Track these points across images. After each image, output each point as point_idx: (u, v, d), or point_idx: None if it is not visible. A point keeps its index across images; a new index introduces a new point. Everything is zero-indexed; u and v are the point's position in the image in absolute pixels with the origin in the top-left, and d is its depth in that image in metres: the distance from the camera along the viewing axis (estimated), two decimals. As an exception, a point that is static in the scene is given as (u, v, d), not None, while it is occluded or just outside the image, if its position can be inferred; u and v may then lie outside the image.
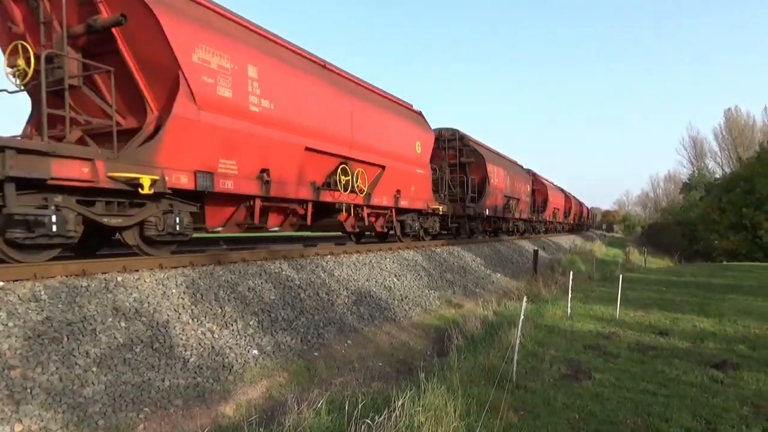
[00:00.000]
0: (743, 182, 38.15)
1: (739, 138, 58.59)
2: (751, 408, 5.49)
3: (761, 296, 13.44)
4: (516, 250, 23.64)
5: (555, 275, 18.20)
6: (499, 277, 17.73)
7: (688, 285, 16.18)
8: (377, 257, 13.24)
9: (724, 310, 11.30)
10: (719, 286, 15.71)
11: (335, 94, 10.60)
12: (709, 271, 22.35)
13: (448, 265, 15.86)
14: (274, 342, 7.51)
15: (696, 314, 10.79)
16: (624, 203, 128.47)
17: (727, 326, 9.59)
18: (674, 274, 20.43)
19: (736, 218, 37.36)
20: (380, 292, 11.26)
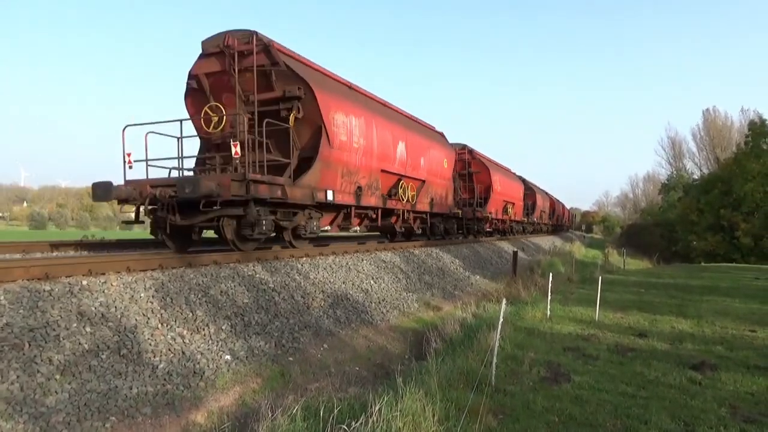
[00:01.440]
0: (721, 183, 39.02)
1: (717, 138, 59.86)
2: (728, 409, 5.63)
3: (738, 297, 13.81)
4: (495, 251, 23.85)
5: (534, 277, 18.42)
6: (478, 279, 17.87)
7: (666, 286, 16.53)
8: (354, 259, 13.23)
9: (702, 311, 11.58)
10: (697, 288, 16.08)
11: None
12: (688, 272, 22.86)
13: (427, 267, 15.93)
14: (247, 347, 7.46)
15: (674, 316, 11.03)
16: (603, 204, 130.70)
17: (705, 327, 9.83)
18: (653, 276, 20.84)
19: (713, 219, 38.19)
20: (357, 294, 11.26)
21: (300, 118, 10.33)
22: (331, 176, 11.12)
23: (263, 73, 9.96)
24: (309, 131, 10.63)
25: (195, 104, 10.55)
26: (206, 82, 10.31)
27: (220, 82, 10.21)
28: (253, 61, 9.63)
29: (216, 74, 10.16)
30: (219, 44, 9.87)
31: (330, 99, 10.82)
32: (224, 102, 10.19)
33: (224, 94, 10.26)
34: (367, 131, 12.59)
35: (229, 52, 9.76)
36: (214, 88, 10.31)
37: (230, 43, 9.78)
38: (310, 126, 10.56)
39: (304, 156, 10.65)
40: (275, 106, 10.20)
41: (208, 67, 10.14)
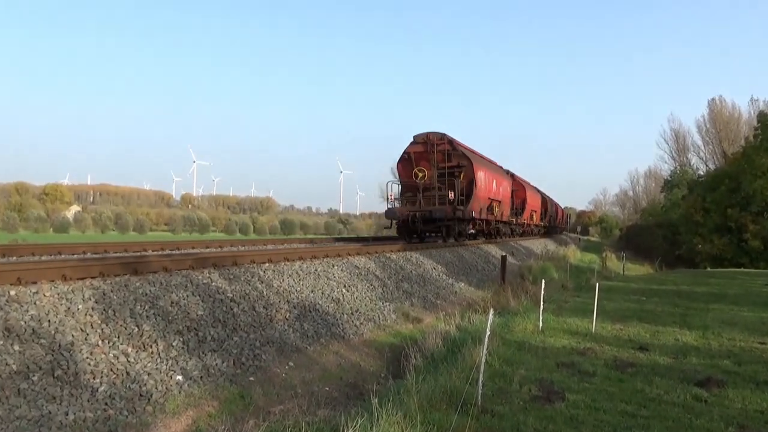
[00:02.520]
0: (728, 180, 39.47)
1: (723, 131, 61.03)
2: (736, 429, 5.76)
3: (747, 306, 14.13)
4: (482, 256, 24.02)
5: (525, 284, 18.60)
6: (463, 286, 17.97)
7: (669, 294, 16.83)
8: (324, 265, 13.20)
9: (708, 321, 11.81)
10: (703, 295, 16.41)
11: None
12: (692, 278, 23.31)
13: (405, 274, 15.97)
14: (201, 365, 7.39)
15: (678, 327, 11.24)
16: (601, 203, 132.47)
17: (711, 339, 10.03)
18: (655, 282, 21.21)
19: (720, 220, 38.79)
20: (327, 305, 11.23)
21: (464, 175, 22.53)
22: (476, 205, 23.13)
23: (446, 153, 22.07)
24: (466, 181, 22.63)
25: (405, 167, 22.67)
26: (413, 157, 22.17)
27: (421, 157, 22.07)
28: (444, 148, 21.91)
29: (419, 153, 22.04)
30: (424, 138, 22.16)
31: (477, 166, 23.10)
32: (422, 167, 21.89)
33: (422, 162, 22.00)
34: (487, 179, 25.02)
35: (430, 142, 21.91)
36: (417, 159, 22.17)
37: (431, 138, 21.99)
38: (468, 179, 22.66)
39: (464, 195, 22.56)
40: (452, 170, 22.21)
41: (415, 149, 22.18)
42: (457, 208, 22.17)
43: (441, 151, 22.32)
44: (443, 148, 22.34)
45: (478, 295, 17.10)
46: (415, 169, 22.13)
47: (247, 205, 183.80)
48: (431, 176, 21.95)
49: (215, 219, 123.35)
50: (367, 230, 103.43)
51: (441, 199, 21.95)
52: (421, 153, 22.30)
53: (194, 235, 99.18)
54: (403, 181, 22.98)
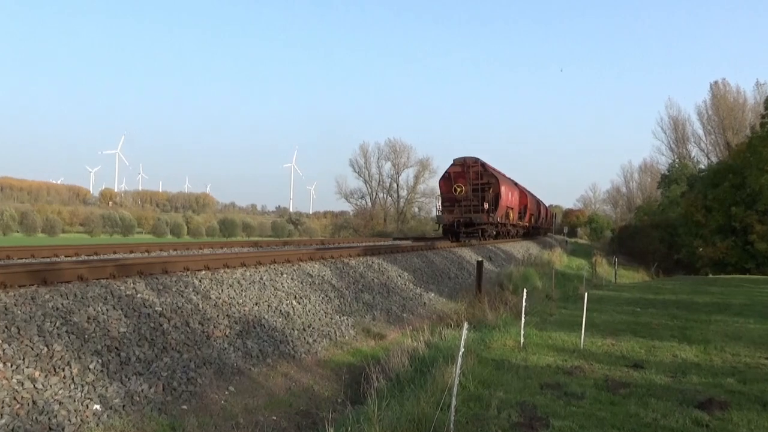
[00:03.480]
0: (732, 174, 40.08)
1: (727, 119, 62.50)
2: (741, 457, 5.91)
3: (753, 317, 14.50)
4: (455, 261, 24.19)
5: (504, 294, 18.80)
6: (433, 297, 18.07)
7: (667, 304, 17.19)
8: (270, 272, 13.13)
9: (710, 335, 12.10)
10: (704, 306, 16.81)
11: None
12: (692, 286, 23.85)
13: (366, 283, 15.98)
14: (124, 392, 7.27)
15: (677, 341, 11.49)
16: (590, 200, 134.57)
17: (713, 355, 10.28)
18: (651, 291, 21.64)
19: (723, 219, 39.56)
20: (275, 319, 11.16)
21: (492, 190, 33.91)
22: (500, 213, 34.98)
23: (479, 172, 33.62)
24: (493, 195, 34.09)
25: (445, 184, 34.35)
26: (452, 175, 34.10)
27: (459, 175, 33.77)
28: (477, 169, 33.74)
29: (457, 172, 33.87)
30: (461, 161, 34.00)
31: (502, 182, 34.96)
32: (460, 183, 33.40)
33: (460, 180, 33.55)
34: (507, 192, 36.31)
35: (466, 165, 33.76)
36: (455, 178, 33.85)
37: (467, 162, 33.86)
38: (495, 193, 34.19)
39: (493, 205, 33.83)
40: (483, 186, 33.39)
41: (454, 169, 34.15)
42: (490, 215, 33.91)
43: (475, 171, 34.12)
44: (477, 169, 34.24)
45: (451, 307, 17.21)
46: (454, 185, 34.00)
47: (180, 202, 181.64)
48: (467, 191, 33.55)
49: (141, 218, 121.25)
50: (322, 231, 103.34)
51: (475, 208, 33.42)
52: (458, 172, 34.20)
53: (116, 237, 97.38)
54: (444, 195, 35.03)
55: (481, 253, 28.62)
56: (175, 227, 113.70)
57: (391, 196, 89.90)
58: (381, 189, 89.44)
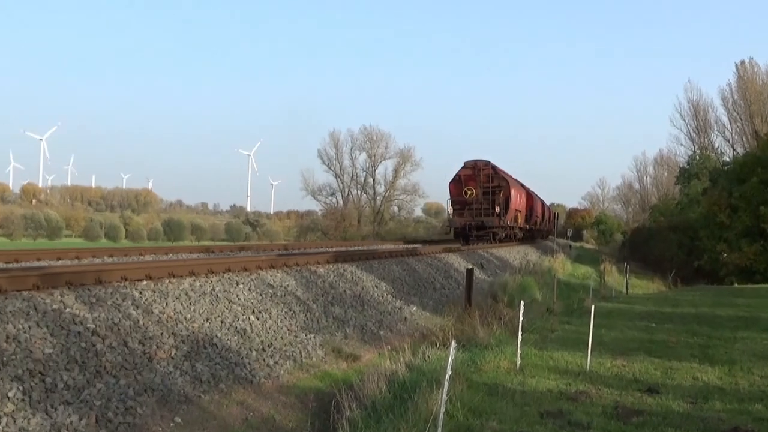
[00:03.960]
0: (761, 168, 39.98)
1: (755, 104, 62.60)
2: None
3: (784, 333, 14.66)
4: (440, 269, 24.25)
5: (498, 307, 18.86)
6: (415, 311, 18.09)
7: (686, 319, 17.34)
8: (224, 283, 13.06)
9: (735, 354, 12.22)
10: (728, 320, 16.95)
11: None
12: (715, 297, 24.04)
13: (337, 294, 15.96)
14: (50, 424, 7.20)
15: (697, 361, 11.58)
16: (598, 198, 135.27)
17: (739, 378, 10.37)
18: (668, 303, 21.81)
19: (751, 221, 39.65)
20: (229, 338, 11.11)
21: (502, 193, 39.83)
22: (510, 216, 41.23)
23: (489, 175, 39.70)
24: (504, 198, 40.02)
25: (455, 187, 39.98)
26: (463, 178, 39.82)
27: (469, 178, 39.64)
28: (488, 172, 39.78)
29: (468, 175, 39.68)
30: (472, 164, 40.06)
31: (511, 186, 41.35)
32: (470, 186, 39.18)
33: (470, 183, 39.44)
34: (516, 195, 42.64)
35: (477, 168, 39.75)
36: (465, 180, 39.66)
37: (478, 165, 39.95)
38: (505, 196, 40.15)
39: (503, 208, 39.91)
40: (494, 189, 39.36)
41: (464, 172, 39.99)
42: (501, 218, 39.31)
43: (486, 174, 39.61)
44: (487, 172, 39.83)
45: (436, 323, 17.23)
46: (464, 188, 39.32)
47: (117, 200, 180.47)
48: (477, 194, 38.76)
49: (70, 219, 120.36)
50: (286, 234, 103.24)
51: (486, 211, 38.66)
52: (469, 175, 39.61)
53: (40, 241, 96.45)
54: (454, 198, 40.13)
55: (472, 259, 28.73)
56: (111, 230, 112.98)
57: (366, 192, 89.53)
58: (354, 184, 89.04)
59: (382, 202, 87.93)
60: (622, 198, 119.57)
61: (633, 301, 23.76)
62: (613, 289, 29.95)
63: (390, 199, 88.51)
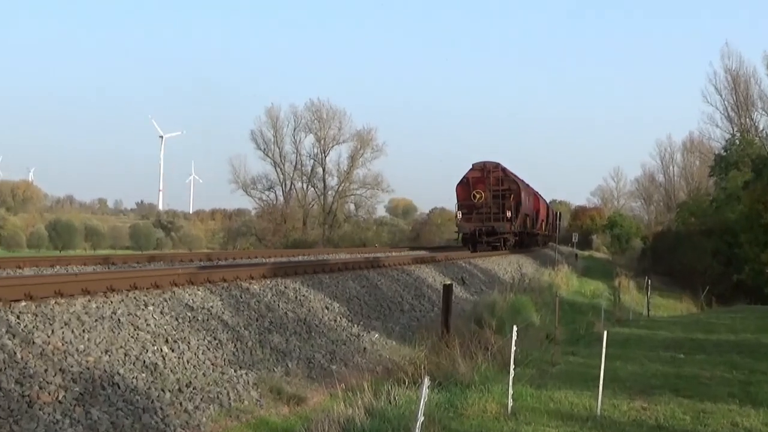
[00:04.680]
0: None
1: (808, 74, 63.70)
2: None
3: None
4: (410, 285, 24.28)
5: (484, 334, 18.85)
6: (377, 339, 18.10)
7: (723, 348, 17.54)
8: (129, 304, 12.96)
9: (785, 393, 12.38)
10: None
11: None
12: (760, 320, 24.33)
13: (277, 318, 15.91)
14: None
15: (737, 402, 11.69)
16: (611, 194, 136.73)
17: (789, 423, 10.52)
18: (699, 328, 22.04)
19: (805, 223, 40.33)
20: (135, 375, 11.02)
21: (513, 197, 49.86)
22: (521, 221, 52.53)
23: (499, 178, 49.30)
24: (514, 202, 49.92)
25: (463, 190, 49.48)
26: (471, 181, 49.29)
27: (478, 181, 49.10)
28: (498, 174, 49.41)
29: (476, 178, 49.23)
30: (481, 166, 49.58)
31: (521, 189, 52.53)
32: (479, 189, 48.46)
33: (479, 186, 48.81)
34: (526, 198, 54.43)
35: (486, 170, 49.24)
36: (474, 183, 49.07)
37: (487, 166, 49.47)
38: (516, 199, 50.35)
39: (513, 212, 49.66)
40: (504, 192, 48.99)
41: (473, 174, 49.54)
42: (513, 223, 46.65)
43: (495, 177, 47.46)
44: (497, 174, 47.86)
45: (404, 354, 17.24)
46: (473, 191, 46.96)
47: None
48: (487, 197, 46.30)
49: None
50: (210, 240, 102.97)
51: (496, 216, 45.93)
52: (477, 178, 47.47)
53: None
54: (461, 201, 48.05)
55: (450, 272, 28.85)
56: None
57: (314, 186, 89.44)
58: (299, 176, 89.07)
59: (335, 198, 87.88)
60: (641, 193, 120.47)
61: (656, 325, 24.01)
62: (631, 310, 30.27)
63: (345, 194, 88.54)
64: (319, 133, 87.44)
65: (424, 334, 19.06)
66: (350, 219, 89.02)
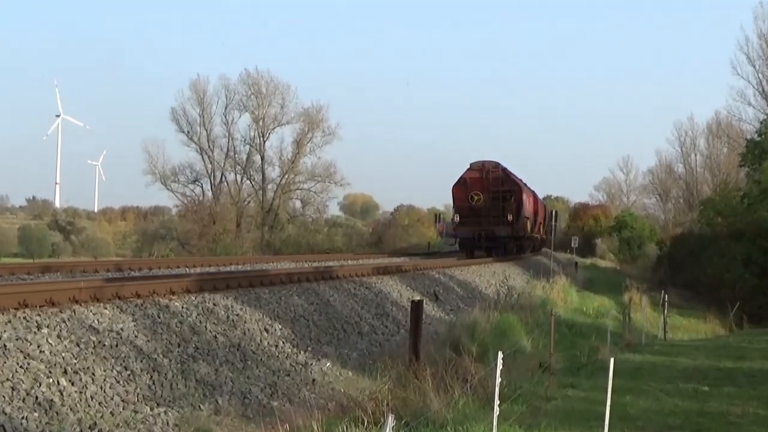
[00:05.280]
0: None
1: None
2: None
3: None
4: (370, 301, 24.28)
5: (463, 362, 18.91)
6: (330, 368, 18.08)
7: (756, 379, 17.71)
8: (17, 325, 12.90)
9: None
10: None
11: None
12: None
13: (204, 343, 15.85)
14: None
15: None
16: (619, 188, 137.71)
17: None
18: (729, 355, 22.22)
19: None
20: (26, 415, 10.94)
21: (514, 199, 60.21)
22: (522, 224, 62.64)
23: (499, 179, 59.45)
24: (516, 204, 60.44)
25: (460, 191, 60.12)
26: (468, 182, 59.46)
27: (476, 182, 59.32)
28: (498, 175, 59.66)
29: (474, 178, 59.41)
30: (480, 166, 60.08)
31: (523, 190, 64.48)
32: (477, 191, 58.24)
33: (477, 187, 58.76)
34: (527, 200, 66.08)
35: (485, 170, 59.47)
36: (471, 184, 58.98)
37: (486, 166, 60.07)
38: (518, 201, 60.97)
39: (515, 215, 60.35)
40: (504, 194, 59.12)
41: (471, 175, 59.74)
42: (514, 227, 52.57)
43: (495, 177, 54.00)
44: (497, 175, 54.60)
45: (363, 387, 17.28)
46: (470, 193, 53.42)
47: None
48: (485, 199, 52.61)
49: None
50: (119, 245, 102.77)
51: (496, 220, 51.86)
52: (476, 179, 54.19)
53: None
54: (458, 204, 55.13)
55: (420, 285, 28.93)
56: None
57: (250, 179, 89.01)
58: (231, 165, 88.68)
59: (277, 193, 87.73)
60: (656, 188, 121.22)
61: (674, 351, 24.19)
62: (644, 332, 30.44)
63: (289, 188, 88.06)
64: (257, 111, 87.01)
65: (387, 362, 19.07)
66: (296, 219, 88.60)
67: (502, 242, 52.02)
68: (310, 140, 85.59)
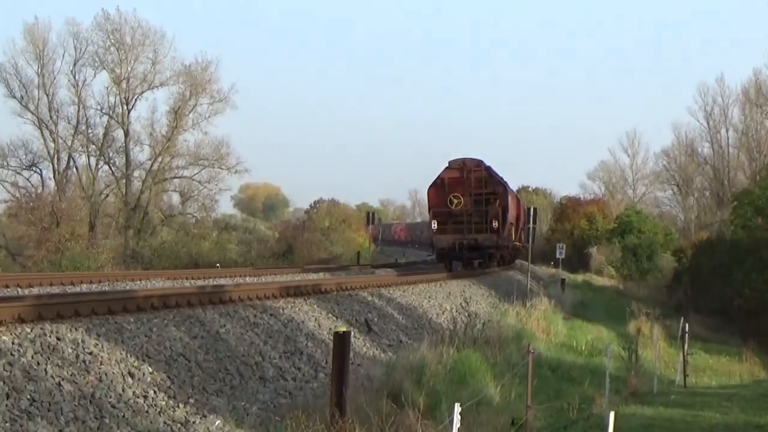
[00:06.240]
0: None
1: None
2: None
3: None
4: (277, 334, 24.33)
5: (405, 417, 19.00)
6: (218, 428, 18.07)
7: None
8: None
9: None
10: None
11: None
12: None
13: (43, 392, 15.74)
14: None
15: None
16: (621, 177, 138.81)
17: None
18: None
19: None
20: None
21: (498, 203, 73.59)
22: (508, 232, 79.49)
23: (482, 179, 72.63)
24: (501, 209, 72.43)
25: (437, 194, 73.55)
26: (447, 183, 72.27)
27: (455, 182, 72.09)
28: (480, 174, 72.88)
29: (454, 179, 72.21)
30: (460, 164, 73.61)
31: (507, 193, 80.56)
32: (457, 193, 70.15)
33: (457, 189, 71.09)
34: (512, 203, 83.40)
35: (466, 169, 72.34)
36: (450, 185, 71.51)
37: (467, 165, 73.53)
38: (502, 205, 73.49)
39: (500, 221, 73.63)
40: (487, 197, 72.10)
41: (449, 175, 72.77)
42: (500, 235, 63.41)
43: (477, 177, 64.62)
44: (480, 174, 65.28)
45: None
46: (449, 196, 62.84)
47: None
48: (467, 203, 61.90)
49: None
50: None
51: (478, 226, 61.62)
52: (455, 179, 64.34)
53: None
54: (435, 208, 64.42)
55: (347, 311, 29.07)
56: None
57: (109, 163, 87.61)
58: (83, 145, 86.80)
59: (147, 183, 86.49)
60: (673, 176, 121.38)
61: (698, 402, 24.44)
62: (657, 375, 30.68)
63: (163, 176, 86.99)
64: (119, 68, 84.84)
65: (300, 419, 19.11)
66: (173, 220, 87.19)
67: (487, 252, 58.82)
68: (193, 109, 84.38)
